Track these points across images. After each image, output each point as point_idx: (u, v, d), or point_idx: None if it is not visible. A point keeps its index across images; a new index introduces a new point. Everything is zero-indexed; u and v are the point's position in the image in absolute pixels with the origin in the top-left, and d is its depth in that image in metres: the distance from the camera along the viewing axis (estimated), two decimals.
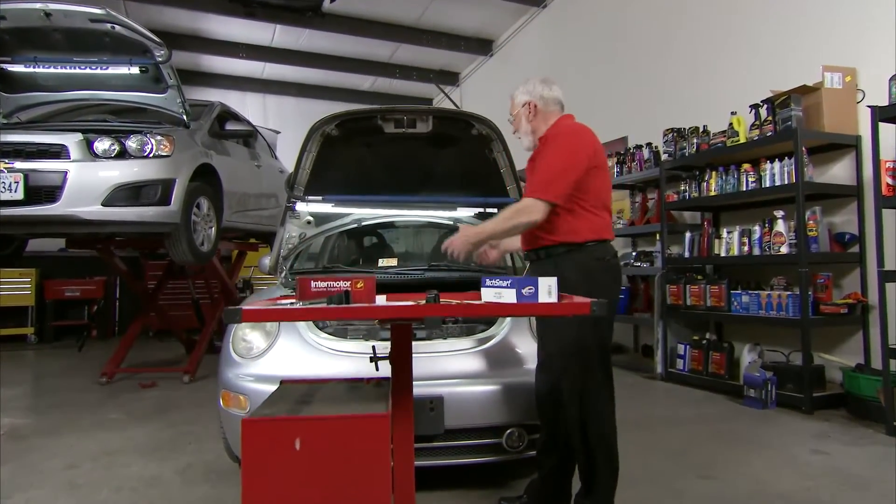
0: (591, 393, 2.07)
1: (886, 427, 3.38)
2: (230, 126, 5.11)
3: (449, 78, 10.35)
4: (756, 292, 4.22)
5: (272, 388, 1.90)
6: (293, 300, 1.57)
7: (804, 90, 4.06)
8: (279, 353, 2.49)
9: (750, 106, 4.29)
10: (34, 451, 3.28)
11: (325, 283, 1.45)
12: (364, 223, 3.28)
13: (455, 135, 2.82)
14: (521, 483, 2.49)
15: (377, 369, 1.76)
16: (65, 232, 4.17)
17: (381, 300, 1.64)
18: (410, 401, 1.42)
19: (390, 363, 1.30)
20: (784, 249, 3.99)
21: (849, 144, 4.07)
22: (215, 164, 4.64)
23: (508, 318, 2.62)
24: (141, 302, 6.27)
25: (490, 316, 2.08)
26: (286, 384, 1.55)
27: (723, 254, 4.45)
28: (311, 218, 3.18)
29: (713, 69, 5.20)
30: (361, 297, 1.49)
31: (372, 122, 2.71)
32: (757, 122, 4.22)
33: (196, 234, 4.41)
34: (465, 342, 2.53)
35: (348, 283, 1.47)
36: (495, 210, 3.09)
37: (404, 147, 2.91)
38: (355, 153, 2.97)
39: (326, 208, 3.12)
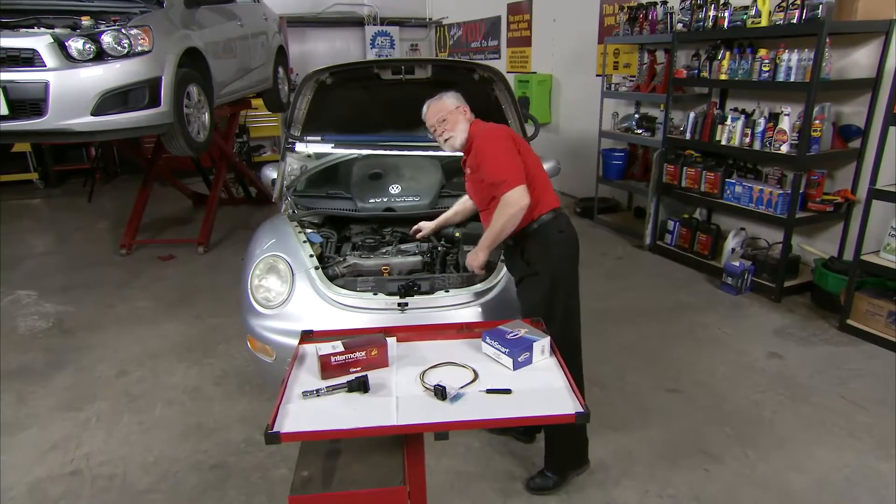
0: None
1: (840, 323, 3.78)
2: None
3: None
4: (749, 185, 4.30)
5: (293, 340, 2.18)
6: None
7: None
8: (296, 307, 2.71)
9: None
10: (85, 350, 3.71)
11: (343, 357, 1.62)
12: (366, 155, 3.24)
13: (455, 80, 2.68)
14: None
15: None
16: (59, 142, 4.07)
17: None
18: None
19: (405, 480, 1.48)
20: (784, 149, 3.98)
21: (879, 31, 3.80)
22: (199, 45, 4.33)
23: (505, 268, 2.79)
24: (141, 169, 6.28)
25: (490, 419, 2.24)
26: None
27: (724, 142, 4.41)
28: (310, 153, 3.14)
29: None
30: (376, 361, 1.68)
31: (368, 71, 2.56)
32: (783, 4, 3.87)
33: (190, 126, 4.32)
34: (467, 294, 2.70)
35: (364, 353, 1.65)
36: None
37: (403, 89, 2.77)
38: (353, 95, 2.83)
39: (326, 148, 3.07)
